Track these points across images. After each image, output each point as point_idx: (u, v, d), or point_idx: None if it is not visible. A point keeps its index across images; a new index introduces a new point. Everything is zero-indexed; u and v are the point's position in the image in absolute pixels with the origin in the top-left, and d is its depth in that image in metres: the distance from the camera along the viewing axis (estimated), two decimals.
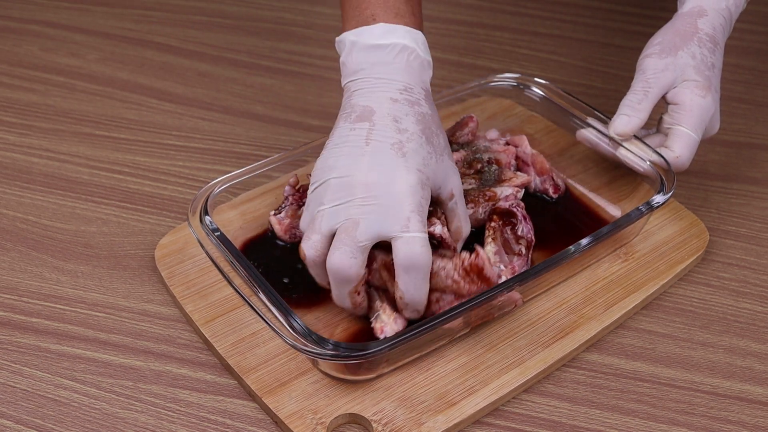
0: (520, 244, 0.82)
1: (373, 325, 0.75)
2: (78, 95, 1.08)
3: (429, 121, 0.76)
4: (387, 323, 0.74)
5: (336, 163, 0.73)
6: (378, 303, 0.75)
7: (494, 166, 0.88)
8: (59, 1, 1.24)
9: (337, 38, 0.80)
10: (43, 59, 1.14)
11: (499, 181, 0.87)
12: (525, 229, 0.82)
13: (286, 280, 0.81)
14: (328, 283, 0.74)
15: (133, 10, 1.24)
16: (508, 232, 0.82)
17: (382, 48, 0.76)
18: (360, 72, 0.77)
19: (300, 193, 0.85)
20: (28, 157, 0.99)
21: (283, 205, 0.85)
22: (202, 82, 1.11)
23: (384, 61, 0.76)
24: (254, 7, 1.25)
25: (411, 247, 0.71)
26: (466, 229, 0.79)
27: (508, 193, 0.84)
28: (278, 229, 0.84)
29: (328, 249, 0.72)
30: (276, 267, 0.82)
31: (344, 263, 0.71)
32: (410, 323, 0.75)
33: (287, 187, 0.85)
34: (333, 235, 0.72)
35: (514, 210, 0.82)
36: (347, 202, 0.72)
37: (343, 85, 0.79)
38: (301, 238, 0.75)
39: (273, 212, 0.85)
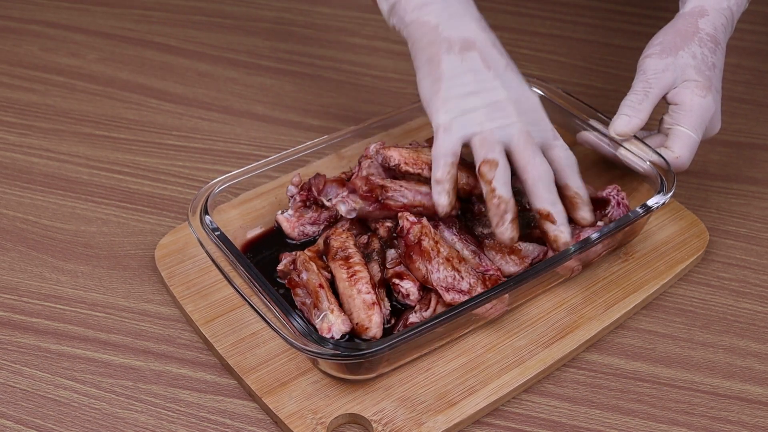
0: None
1: (318, 325, 0.74)
2: (78, 95, 1.08)
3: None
4: (334, 323, 0.73)
5: (468, 89, 0.79)
6: (326, 304, 0.75)
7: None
8: (59, 1, 1.24)
9: None
10: (43, 59, 1.14)
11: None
12: (617, 213, 0.84)
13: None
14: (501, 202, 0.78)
15: (133, 10, 1.23)
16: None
17: None
18: (431, 5, 0.81)
19: (306, 192, 0.85)
20: (28, 157, 0.99)
21: (289, 204, 0.85)
22: (202, 82, 1.11)
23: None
24: (254, 7, 1.25)
25: (568, 151, 0.81)
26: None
27: (533, 252, 0.83)
28: (287, 227, 0.84)
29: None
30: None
31: (545, 165, 0.79)
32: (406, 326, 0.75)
33: (291, 187, 0.85)
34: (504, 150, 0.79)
35: (609, 197, 0.85)
36: (509, 122, 0.78)
37: (406, 20, 0.82)
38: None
39: (280, 212, 0.85)
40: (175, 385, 0.76)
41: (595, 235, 0.79)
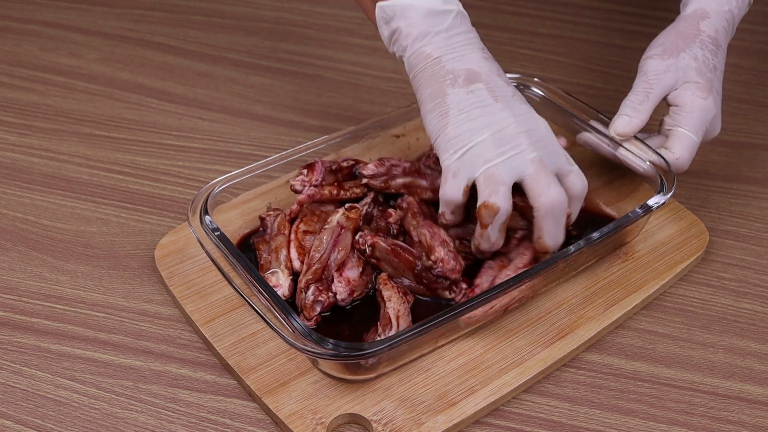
0: None
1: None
2: (78, 95, 1.08)
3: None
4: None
5: (476, 123, 0.76)
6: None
7: None
8: (59, 1, 1.24)
9: (380, 3, 0.80)
10: (43, 59, 1.14)
11: None
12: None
13: None
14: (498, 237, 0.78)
15: (133, 10, 1.24)
16: None
17: (447, 14, 0.79)
18: (433, 36, 0.79)
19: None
20: (28, 157, 0.99)
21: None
22: (202, 82, 1.11)
23: (455, 26, 0.79)
24: (254, 7, 1.25)
25: (583, 180, 0.79)
26: None
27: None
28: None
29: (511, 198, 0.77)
30: None
31: (561, 194, 0.76)
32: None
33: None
34: (513, 184, 0.77)
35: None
36: (519, 151, 0.76)
37: (407, 51, 0.80)
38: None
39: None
40: (175, 385, 0.76)
41: (596, 234, 0.79)
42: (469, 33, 0.81)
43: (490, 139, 0.76)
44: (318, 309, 0.77)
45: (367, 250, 0.79)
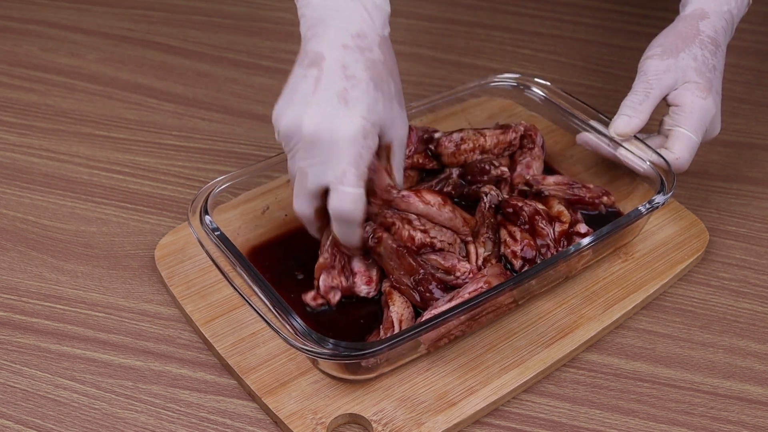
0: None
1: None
2: (78, 95, 1.08)
3: (380, 68, 0.76)
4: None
5: (285, 111, 0.75)
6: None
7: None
8: (59, 1, 1.24)
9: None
10: (43, 59, 1.14)
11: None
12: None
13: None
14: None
15: (133, 10, 1.24)
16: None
17: None
18: (317, 17, 0.76)
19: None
20: (28, 157, 0.99)
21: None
22: (202, 82, 1.11)
23: (339, 8, 0.76)
24: (254, 7, 1.25)
25: (342, 202, 0.74)
26: (397, 180, 0.81)
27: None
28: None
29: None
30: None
31: (302, 210, 0.77)
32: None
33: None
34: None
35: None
36: (295, 154, 0.75)
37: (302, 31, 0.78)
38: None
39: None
40: (175, 385, 0.76)
41: (587, 239, 0.79)
42: (350, 15, 0.76)
43: (283, 132, 0.75)
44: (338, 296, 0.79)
45: (371, 242, 0.79)
